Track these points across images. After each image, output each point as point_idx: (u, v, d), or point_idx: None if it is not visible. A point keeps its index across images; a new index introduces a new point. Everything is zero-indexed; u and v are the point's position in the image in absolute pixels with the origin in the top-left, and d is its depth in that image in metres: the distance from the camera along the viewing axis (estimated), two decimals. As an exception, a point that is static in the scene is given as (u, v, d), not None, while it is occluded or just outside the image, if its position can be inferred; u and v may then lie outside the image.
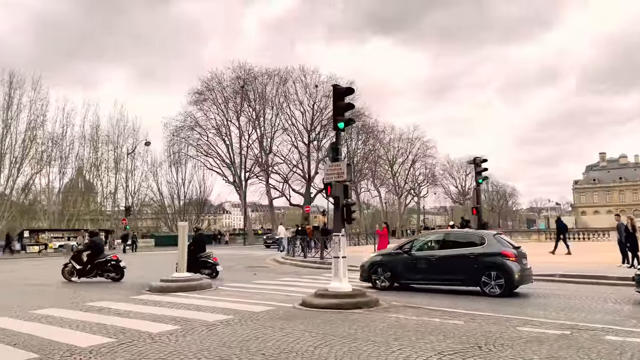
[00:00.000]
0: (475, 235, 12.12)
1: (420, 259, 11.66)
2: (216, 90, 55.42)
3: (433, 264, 11.40)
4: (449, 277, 11.25)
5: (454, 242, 11.79)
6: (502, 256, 10.65)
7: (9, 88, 44.99)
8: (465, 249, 11.23)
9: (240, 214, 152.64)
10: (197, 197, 63.87)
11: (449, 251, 11.40)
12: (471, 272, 10.79)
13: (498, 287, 10.47)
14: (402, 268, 11.72)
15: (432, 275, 11.47)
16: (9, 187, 45.57)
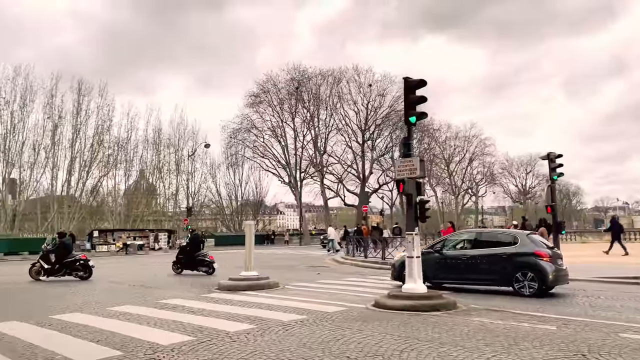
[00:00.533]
0: (508, 235, 12.23)
1: (452, 259, 11.64)
2: (271, 92, 56.07)
3: (465, 264, 11.41)
4: (482, 276, 11.23)
5: (486, 242, 11.70)
6: (536, 256, 10.58)
7: (78, 95, 47.55)
8: (497, 248, 11.19)
9: (293, 215, 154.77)
10: (254, 198, 64.94)
11: (481, 250, 11.36)
12: (504, 272, 10.77)
13: (531, 287, 10.44)
14: (433, 267, 11.39)
15: (464, 274, 11.45)
16: (79, 190, 48.11)
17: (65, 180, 46.96)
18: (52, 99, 45.77)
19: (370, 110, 58.95)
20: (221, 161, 61.39)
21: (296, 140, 57.10)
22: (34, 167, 44.88)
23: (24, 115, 43.78)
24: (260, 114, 56.82)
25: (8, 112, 42.95)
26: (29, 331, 7.38)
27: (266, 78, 55.78)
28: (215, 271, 16.43)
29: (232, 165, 61.91)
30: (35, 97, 44.66)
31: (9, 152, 42.93)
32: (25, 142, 44.07)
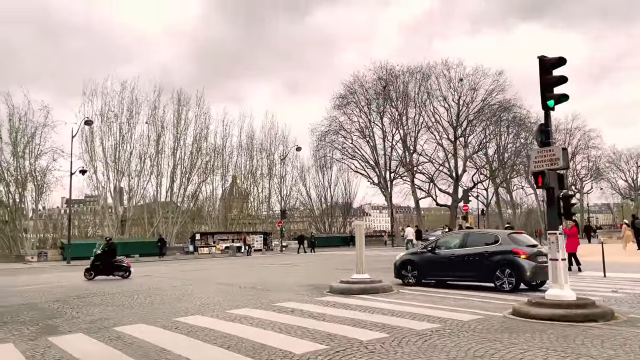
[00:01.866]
0: (491, 234, 13.09)
1: (443, 258, 12.67)
2: (358, 93, 55.62)
3: (454, 262, 12.40)
4: (468, 273, 12.26)
5: (472, 241, 12.56)
6: (514, 254, 11.48)
7: (178, 106, 50.08)
8: (480, 247, 12.13)
9: (379, 216, 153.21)
10: (343, 199, 64.76)
11: (467, 249, 12.31)
12: (485, 269, 11.82)
13: (510, 282, 11.42)
14: (428, 266, 12.89)
15: (453, 272, 12.53)
16: (180, 196, 50.66)
17: (168, 186, 49.71)
18: (155, 111, 48.67)
19: (461, 106, 56.55)
20: (310, 164, 61.92)
21: (385, 140, 56.19)
22: (141, 175, 47.92)
23: (130, 127, 46.97)
24: (347, 115, 56.62)
25: (117, 125, 46.28)
26: (157, 335, 7.34)
27: (353, 79, 55.48)
28: (130, 274, 18.01)
29: (321, 167, 62.24)
30: (140, 110, 47.75)
31: (118, 161, 46.19)
32: (132, 152, 47.23)
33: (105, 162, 45.81)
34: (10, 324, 8.66)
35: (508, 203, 74.12)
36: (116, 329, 7.86)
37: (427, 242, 14.81)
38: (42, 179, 41.45)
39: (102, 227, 50.70)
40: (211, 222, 53.85)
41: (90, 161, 44.62)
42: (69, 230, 37.32)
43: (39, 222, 47.78)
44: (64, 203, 77.20)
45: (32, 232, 42.57)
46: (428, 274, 12.93)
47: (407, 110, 55.81)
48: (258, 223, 57.94)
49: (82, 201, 75.21)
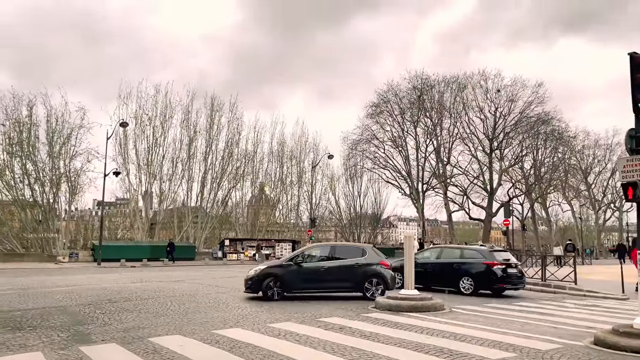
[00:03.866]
0: (357, 248, 14.14)
1: (311, 270, 12.70)
2: (392, 101, 54.64)
3: (323, 274, 12.69)
4: (339, 284, 12.82)
5: (340, 253, 13.36)
6: (380, 265, 12.95)
7: (211, 111, 50.07)
8: (351, 259, 12.94)
9: (407, 228, 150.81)
10: (372, 210, 63.63)
11: (338, 262, 12.94)
12: (357, 280, 12.72)
13: (379, 291, 12.52)
14: (294, 279, 12.48)
15: (323, 284, 12.73)
16: (210, 201, 50.48)
17: (198, 191, 49.62)
18: (189, 115, 48.77)
19: (498, 118, 54.92)
20: (341, 173, 61.05)
21: (418, 151, 54.94)
22: (172, 179, 47.98)
23: (164, 131, 47.10)
24: (380, 124, 55.62)
25: (151, 128, 46.51)
26: (197, 350, 6.64)
27: (387, 87, 54.57)
28: None
29: (352, 176, 61.27)
30: (174, 114, 47.91)
31: (151, 165, 46.36)
32: (165, 156, 47.34)
33: (137, 165, 46.10)
34: (40, 329, 8.11)
35: (544, 219, 71.74)
36: (152, 339, 7.20)
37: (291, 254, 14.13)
38: (75, 180, 41.84)
39: (132, 229, 50.94)
40: (239, 229, 53.52)
41: (124, 164, 44.92)
42: (100, 231, 37.42)
43: (71, 223, 48.25)
44: (95, 205, 78.50)
45: (63, 233, 42.92)
46: (295, 287, 12.57)
47: (441, 121, 54.56)
48: (286, 231, 57.37)
49: (113, 203, 76.05)
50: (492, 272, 14.35)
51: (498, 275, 14.35)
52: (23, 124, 40.39)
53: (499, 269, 14.39)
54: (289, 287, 12.41)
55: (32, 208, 41.13)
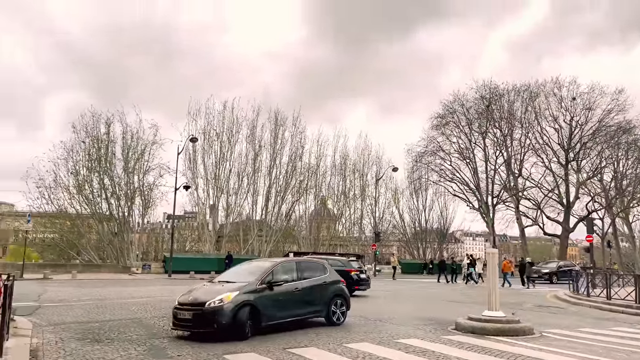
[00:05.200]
0: (317, 263, 11.60)
1: (286, 293, 9.64)
2: (458, 112, 53.02)
3: (296, 297, 9.87)
4: (310, 309, 10.23)
5: (306, 271, 10.57)
6: (342, 283, 11.30)
7: (275, 125, 50.76)
8: (317, 277, 10.65)
9: (472, 244, 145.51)
10: (438, 224, 61.72)
11: (308, 281, 10.32)
12: (325, 301, 10.49)
13: (342, 314, 10.81)
14: (271, 305, 9.19)
15: (296, 310, 9.87)
16: (274, 214, 50.94)
17: (263, 205, 50.25)
18: (254, 130, 49.70)
19: (574, 127, 51.95)
20: (405, 186, 59.81)
21: (487, 163, 52.73)
22: (238, 192, 48.92)
23: (231, 145, 48.26)
24: (446, 135, 54.10)
25: (218, 143, 47.79)
26: None
27: (453, 98, 53.08)
28: None
29: (416, 190, 59.87)
30: (240, 129, 49.02)
31: (218, 179, 47.57)
32: (231, 170, 48.44)
33: (205, 179, 47.41)
34: (117, 342, 8.11)
35: (626, 235, 66.57)
36: (227, 357, 6.94)
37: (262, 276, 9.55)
38: (148, 194, 43.61)
39: (200, 242, 52.33)
40: (302, 242, 53.56)
41: (192, 178, 46.32)
42: (171, 244, 38.58)
43: (143, 235, 50.27)
44: (165, 218, 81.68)
45: (136, 245, 44.73)
46: (273, 316, 9.23)
47: (512, 131, 52.26)
48: (349, 245, 56.78)
49: (182, 217, 78.89)
50: (350, 277, 17.32)
51: (354, 279, 17.92)
52: (101, 141, 42.71)
53: (355, 275, 18.29)
54: (265, 317, 9.02)
55: (108, 221, 43.19)
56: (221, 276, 10.60)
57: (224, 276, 10.42)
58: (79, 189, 42.03)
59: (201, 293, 9.00)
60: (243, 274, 9.90)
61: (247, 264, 10.98)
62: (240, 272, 10.22)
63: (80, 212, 42.69)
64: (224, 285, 9.21)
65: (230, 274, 10.56)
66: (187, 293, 9.23)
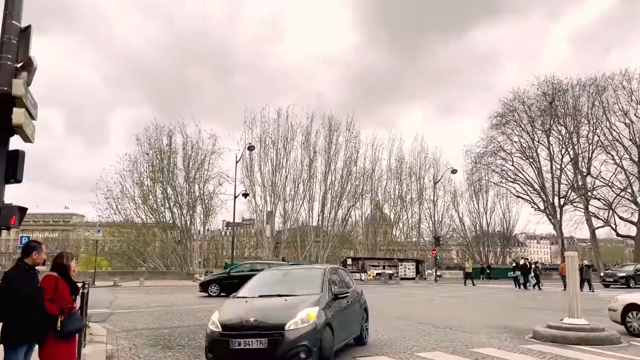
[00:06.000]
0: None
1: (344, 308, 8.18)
2: (519, 110, 51.05)
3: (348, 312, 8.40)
4: (353, 326, 8.53)
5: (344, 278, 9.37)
6: None
7: (329, 131, 50.97)
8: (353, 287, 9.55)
9: (537, 247, 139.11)
10: (501, 227, 59.49)
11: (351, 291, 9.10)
12: (360, 318, 8.89)
13: (367, 331, 9.18)
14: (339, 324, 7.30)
15: (350, 328, 8.22)
16: (330, 220, 50.93)
17: (319, 211, 50.41)
18: (308, 136, 50.14)
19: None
20: (464, 188, 58.13)
21: (552, 162, 50.37)
22: (295, 199, 49.38)
23: (286, 152, 48.94)
24: (507, 135, 52.22)
25: (274, 150, 48.52)
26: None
27: (513, 95, 51.19)
28: None
29: (476, 192, 58.04)
30: (295, 136, 49.60)
31: (275, 186, 48.20)
32: (287, 177, 49.02)
33: (262, 186, 48.18)
34: (188, 348, 8.21)
35: None
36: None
37: None
38: (209, 202, 44.86)
39: (258, 248, 53.17)
40: (359, 247, 53.19)
41: (250, 185, 47.20)
42: (232, 251, 39.43)
43: (204, 242, 51.67)
44: (224, 225, 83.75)
45: (198, 252, 46.05)
46: (339, 338, 7.20)
47: (578, 128, 49.61)
48: (407, 250, 55.81)
49: (240, 224, 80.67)
50: None
51: None
52: (164, 152, 44.45)
53: None
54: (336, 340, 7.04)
55: (171, 229, 44.78)
56: (251, 287, 7.83)
57: (261, 287, 7.76)
58: (144, 199, 43.88)
59: (263, 310, 6.54)
60: (291, 283, 7.81)
61: (277, 271, 9.29)
62: (284, 280, 8.09)
63: (145, 221, 44.53)
64: (288, 299, 6.84)
65: (270, 284, 7.89)
66: (229, 310, 6.73)
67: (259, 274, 8.78)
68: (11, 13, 5.31)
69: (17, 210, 5.01)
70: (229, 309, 6.82)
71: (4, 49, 5.21)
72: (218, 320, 6.42)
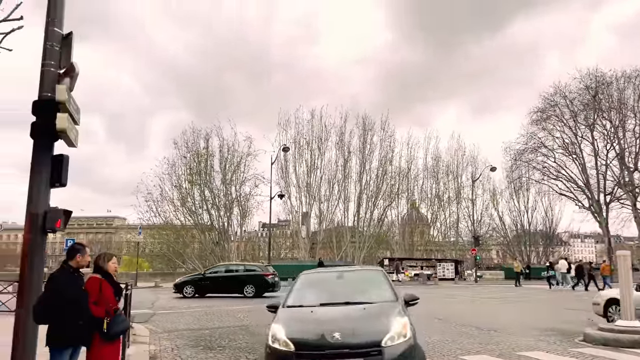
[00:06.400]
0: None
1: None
2: (560, 105, 49.18)
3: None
4: None
5: None
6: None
7: (363, 130, 50.60)
8: None
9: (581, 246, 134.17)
10: (543, 226, 57.64)
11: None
12: None
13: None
14: None
15: None
16: (366, 220, 50.59)
17: (355, 211, 50.13)
18: (342, 137, 49.96)
19: (703, 111, 45.99)
20: (504, 186, 56.60)
21: (597, 158, 48.36)
22: (330, 199, 49.29)
23: (320, 153, 48.91)
24: (548, 130, 50.40)
25: (308, 151, 48.59)
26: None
27: (553, 90, 49.36)
28: None
29: (516, 190, 56.43)
30: (329, 136, 49.53)
31: (310, 187, 48.26)
32: (322, 177, 48.98)
33: (297, 187, 48.31)
34: (229, 349, 8.22)
35: None
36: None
37: None
38: (245, 204, 45.34)
39: (294, 249, 53.37)
40: (396, 248, 52.62)
41: (285, 187, 47.40)
42: (268, 252, 39.73)
43: (241, 243, 52.25)
44: (260, 226, 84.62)
45: (235, 253, 46.61)
46: None
47: (624, 122, 47.42)
48: (446, 250, 54.83)
49: (275, 225, 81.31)
50: (266, 280, 20.59)
51: (270, 283, 20.57)
52: (201, 155, 45.21)
53: (270, 279, 20.71)
54: None
55: (209, 231, 45.48)
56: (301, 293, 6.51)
57: (317, 293, 6.47)
58: (183, 201, 44.73)
59: (344, 322, 5.36)
60: (351, 287, 6.64)
61: (325, 274, 7.64)
62: (342, 284, 6.74)
63: (184, 223, 45.38)
64: (366, 308, 5.75)
65: (326, 290, 6.57)
66: (296, 324, 5.50)
67: (302, 278, 6.99)
68: (53, 20, 5.42)
69: (62, 213, 5.10)
70: (293, 321, 5.54)
71: (47, 55, 5.32)
72: (286, 337, 5.11)
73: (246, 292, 20.07)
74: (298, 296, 6.40)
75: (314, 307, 5.86)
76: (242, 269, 21.84)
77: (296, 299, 6.30)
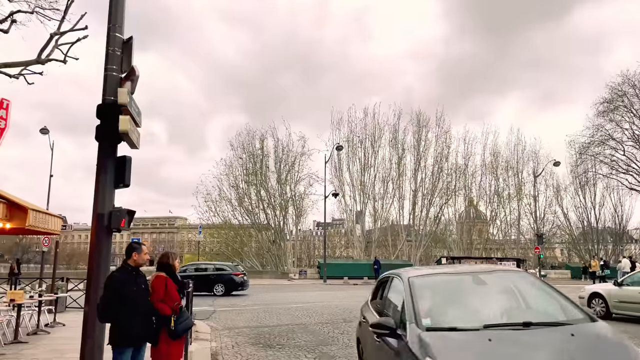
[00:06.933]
0: None
1: None
2: (629, 94, 46.14)
3: None
4: None
5: None
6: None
7: (418, 127, 49.66)
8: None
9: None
10: (612, 223, 54.33)
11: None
12: None
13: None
14: None
15: None
16: (422, 218, 49.66)
17: (410, 209, 49.37)
18: (396, 134, 49.28)
19: None
20: (569, 181, 53.79)
21: (671, 149, 45.09)
22: (384, 198, 48.80)
23: (374, 151, 48.48)
24: (616, 122, 47.38)
25: (362, 149, 48.29)
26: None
27: (622, 79, 46.39)
28: None
29: (582, 185, 53.50)
30: (382, 134, 48.99)
31: (363, 185, 47.96)
32: (376, 176, 48.56)
33: (351, 185, 48.15)
34: (288, 348, 8.21)
35: None
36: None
37: None
38: (300, 203, 45.72)
39: (349, 248, 53.25)
40: (454, 246, 51.30)
41: (339, 185, 47.35)
42: (324, 250, 39.76)
43: (296, 242, 52.72)
44: (315, 225, 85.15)
45: (291, 252, 47.10)
46: None
47: (702, 110, 44.00)
48: (506, 248, 52.86)
49: (330, 224, 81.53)
50: (234, 280, 21.16)
51: (238, 282, 21.22)
52: (256, 156, 46.03)
53: (240, 278, 21.37)
54: None
55: (266, 230, 46.22)
56: (439, 308, 4.29)
57: (464, 308, 4.32)
58: (240, 201, 45.73)
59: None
60: (507, 300, 4.59)
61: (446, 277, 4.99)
62: (487, 293, 4.65)
63: (241, 223, 46.39)
64: (576, 334, 3.69)
65: (475, 303, 4.46)
66: None
67: (413, 283, 4.56)
68: (114, 26, 5.59)
69: (126, 213, 5.23)
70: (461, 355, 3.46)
71: (109, 60, 5.49)
72: None
73: (216, 291, 20.71)
74: (434, 312, 4.18)
75: (479, 331, 3.74)
76: (212, 268, 22.13)
77: (436, 316, 4.08)
